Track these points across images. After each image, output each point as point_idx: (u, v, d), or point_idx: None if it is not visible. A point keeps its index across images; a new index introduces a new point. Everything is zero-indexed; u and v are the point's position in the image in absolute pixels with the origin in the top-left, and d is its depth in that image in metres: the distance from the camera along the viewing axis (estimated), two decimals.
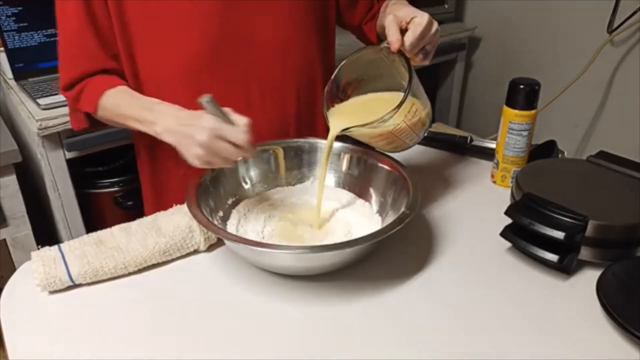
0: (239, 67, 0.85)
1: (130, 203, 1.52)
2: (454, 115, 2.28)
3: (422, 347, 0.60)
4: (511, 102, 0.86)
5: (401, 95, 0.69)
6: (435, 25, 0.75)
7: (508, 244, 0.75)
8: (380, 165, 0.81)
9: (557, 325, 0.63)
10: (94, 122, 0.87)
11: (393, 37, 0.72)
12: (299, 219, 0.80)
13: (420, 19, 0.73)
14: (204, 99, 0.67)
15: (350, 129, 0.72)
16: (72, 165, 1.35)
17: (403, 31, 0.73)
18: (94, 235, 0.73)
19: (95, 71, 0.83)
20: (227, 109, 0.69)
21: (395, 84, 0.77)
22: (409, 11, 0.75)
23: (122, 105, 0.80)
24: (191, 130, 0.68)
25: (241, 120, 0.68)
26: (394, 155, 0.82)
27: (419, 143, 1.06)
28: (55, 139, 1.28)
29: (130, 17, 0.81)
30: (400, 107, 0.68)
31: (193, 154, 0.68)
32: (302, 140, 0.86)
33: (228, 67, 0.84)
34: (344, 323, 0.63)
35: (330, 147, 0.77)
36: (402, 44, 0.72)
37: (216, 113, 0.68)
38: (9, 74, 1.45)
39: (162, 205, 0.82)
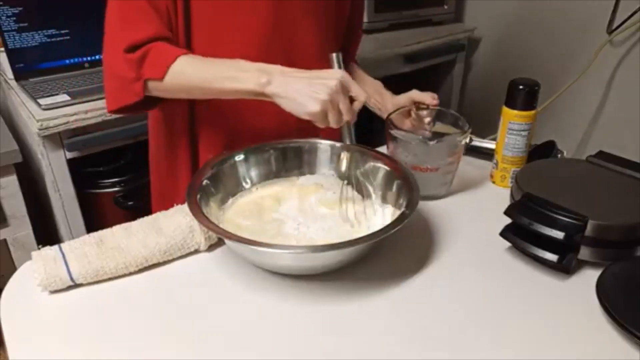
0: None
1: (130, 203, 1.53)
2: None
3: (422, 346, 0.60)
4: (511, 103, 0.86)
5: None
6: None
7: (508, 244, 0.75)
8: (380, 165, 0.82)
9: (557, 325, 0.63)
10: (143, 102, 0.82)
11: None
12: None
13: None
14: (334, 54, 0.74)
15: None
16: (73, 165, 1.35)
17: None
18: (95, 235, 0.73)
19: (155, 37, 0.79)
20: None
21: None
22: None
23: (211, 65, 0.77)
24: (320, 76, 0.71)
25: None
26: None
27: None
28: (56, 139, 1.28)
29: (194, 13, 0.81)
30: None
31: (319, 99, 0.69)
32: (301, 140, 0.86)
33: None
34: (344, 322, 0.63)
35: None
36: None
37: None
38: (9, 74, 1.45)
39: (170, 203, 0.81)
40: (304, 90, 0.70)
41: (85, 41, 1.52)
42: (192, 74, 0.78)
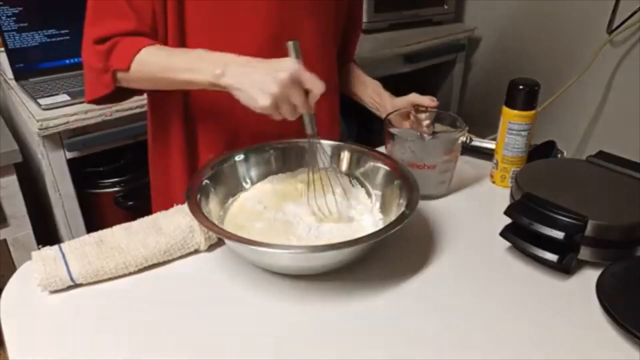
0: None
1: (130, 203, 1.53)
2: None
3: (421, 346, 0.60)
4: (511, 103, 0.86)
5: None
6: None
7: (508, 244, 0.75)
8: (380, 165, 0.82)
9: (557, 325, 0.63)
10: (116, 93, 0.83)
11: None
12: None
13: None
14: (291, 42, 0.69)
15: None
16: (73, 165, 1.35)
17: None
18: (95, 235, 0.73)
19: (127, 31, 0.79)
20: None
21: None
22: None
23: (171, 56, 0.77)
24: (273, 67, 0.67)
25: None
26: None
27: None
28: (56, 139, 1.28)
29: (188, 14, 0.81)
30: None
31: (269, 93, 0.67)
32: (302, 140, 0.86)
33: None
34: (344, 323, 0.63)
35: None
36: None
37: (297, 59, 0.69)
38: (9, 74, 1.45)
39: (170, 203, 0.81)
40: (256, 83, 0.68)
41: None
42: (155, 64, 0.77)
